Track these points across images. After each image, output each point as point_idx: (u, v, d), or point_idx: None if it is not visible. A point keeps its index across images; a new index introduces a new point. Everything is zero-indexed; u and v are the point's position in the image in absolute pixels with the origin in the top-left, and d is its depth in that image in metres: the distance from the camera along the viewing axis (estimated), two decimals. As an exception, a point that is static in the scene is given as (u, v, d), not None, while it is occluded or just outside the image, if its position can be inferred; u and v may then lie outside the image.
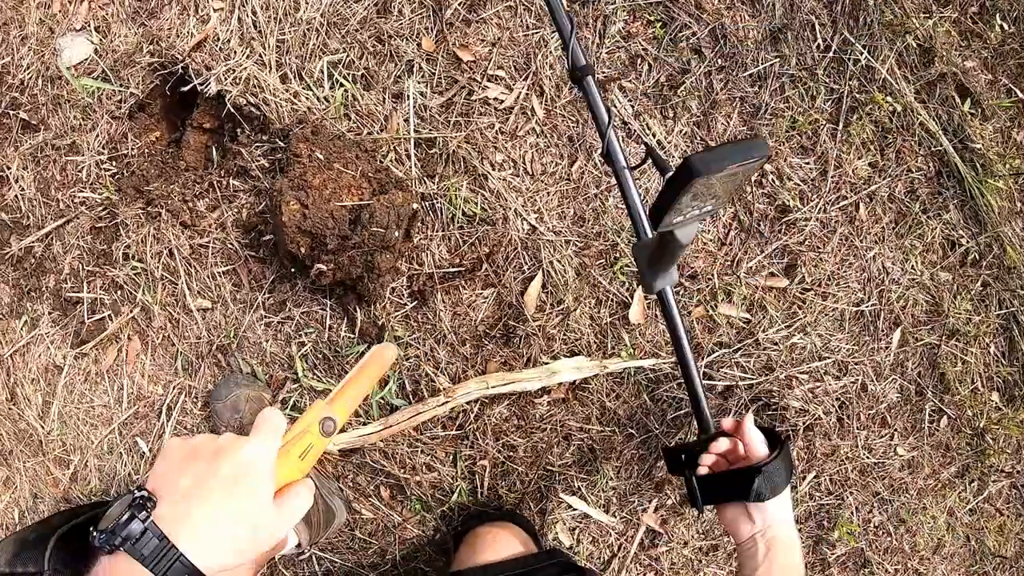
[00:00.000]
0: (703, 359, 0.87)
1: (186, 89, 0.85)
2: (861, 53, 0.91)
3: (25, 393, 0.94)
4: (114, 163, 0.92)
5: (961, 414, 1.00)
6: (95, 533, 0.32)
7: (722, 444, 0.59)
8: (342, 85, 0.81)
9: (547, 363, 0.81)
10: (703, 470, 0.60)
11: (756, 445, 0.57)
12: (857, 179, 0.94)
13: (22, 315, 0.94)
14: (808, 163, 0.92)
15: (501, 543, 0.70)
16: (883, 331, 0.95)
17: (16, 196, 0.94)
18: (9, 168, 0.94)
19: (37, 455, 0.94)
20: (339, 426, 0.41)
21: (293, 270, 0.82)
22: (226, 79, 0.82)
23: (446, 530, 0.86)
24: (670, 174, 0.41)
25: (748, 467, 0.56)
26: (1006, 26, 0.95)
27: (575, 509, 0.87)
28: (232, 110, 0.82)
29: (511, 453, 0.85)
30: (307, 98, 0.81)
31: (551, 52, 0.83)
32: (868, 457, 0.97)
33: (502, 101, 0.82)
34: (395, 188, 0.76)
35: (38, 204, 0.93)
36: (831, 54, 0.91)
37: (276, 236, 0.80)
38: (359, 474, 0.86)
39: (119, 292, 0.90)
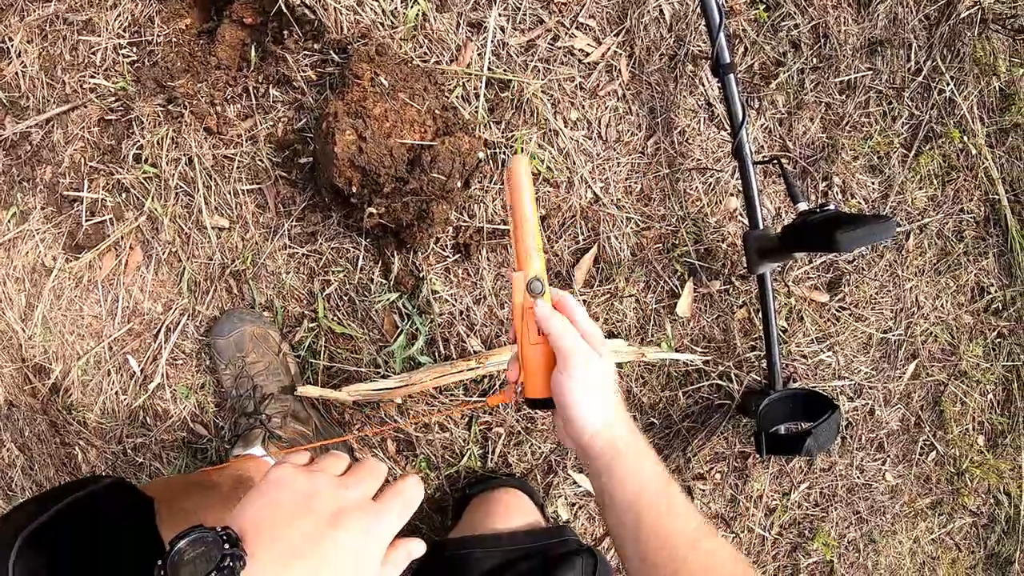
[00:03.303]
0: (734, 359, 0.81)
1: (231, -25, 0.69)
2: (947, 84, 0.83)
3: (7, 291, 0.80)
4: (134, 50, 0.75)
5: (948, 451, 0.98)
6: None
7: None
8: (416, 2, 0.67)
9: (586, 344, 0.72)
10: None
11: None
12: (914, 209, 0.87)
13: (11, 206, 0.79)
14: (873, 183, 0.85)
15: (514, 511, 0.64)
16: (901, 361, 0.92)
17: (16, 73, 0.77)
18: (11, 40, 0.76)
19: (16, 361, 0.80)
20: (545, 278, 0.39)
21: (327, 200, 0.69)
22: (279, -29, 0.67)
23: (449, 491, 0.79)
24: (810, 227, 0.54)
25: (802, 430, 0.66)
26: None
27: (580, 487, 0.81)
28: (283, 8, 0.67)
29: (529, 424, 0.77)
30: (372, 9, 0.67)
31: (649, 11, 0.71)
32: (859, 477, 0.94)
33: (588, 54, 0.70)
34: (461, 131, 0.64)
35: (40, 85, 0.77)
36: (920, 78, 0.82)
37: (320, 164, 0.67)
38: (367, 425, 0.77)
39: (124, 196, 0.76)
